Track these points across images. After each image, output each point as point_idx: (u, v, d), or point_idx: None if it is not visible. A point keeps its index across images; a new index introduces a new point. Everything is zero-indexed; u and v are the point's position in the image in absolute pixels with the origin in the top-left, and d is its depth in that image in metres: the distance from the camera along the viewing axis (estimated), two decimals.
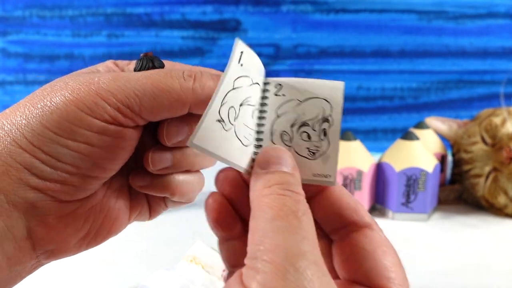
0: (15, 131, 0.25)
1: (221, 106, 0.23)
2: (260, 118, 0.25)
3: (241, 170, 0.25)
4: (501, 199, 0.68)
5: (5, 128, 0.25)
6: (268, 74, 0.27)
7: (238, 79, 0.24)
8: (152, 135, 0.29)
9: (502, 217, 0.70)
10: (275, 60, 1.01)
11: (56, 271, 0.53)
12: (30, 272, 0.28)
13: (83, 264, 0.55)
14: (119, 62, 0.30)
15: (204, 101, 0.25)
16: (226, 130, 0.24)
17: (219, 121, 0.23)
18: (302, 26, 1.00)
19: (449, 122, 0.78)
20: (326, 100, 0.24)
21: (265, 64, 0.27)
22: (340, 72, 1.02)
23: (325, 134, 0.24)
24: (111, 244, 0.32)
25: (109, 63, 0.30)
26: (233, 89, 0.24)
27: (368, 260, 0.25)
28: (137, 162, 0.29)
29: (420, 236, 0.64)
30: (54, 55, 1.00)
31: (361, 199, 0.68)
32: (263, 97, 0.26)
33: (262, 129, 0.25)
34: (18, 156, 0.25)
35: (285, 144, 0.24)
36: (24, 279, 0.28)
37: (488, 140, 0.69)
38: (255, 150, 0.25)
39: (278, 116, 0.24)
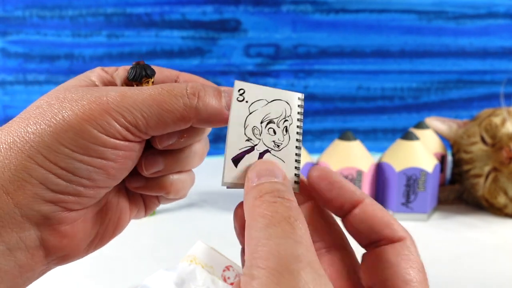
0: (29, 147, 0.25)
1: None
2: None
3: None
4: (501, 199, 0.68)
5: (18, 145, 0.26)
6: (268, 74, 0.28)
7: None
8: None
9: (502, 217, 0.70)
10: (275, 60, 1.01)
11: (56, 271, 0.53)
12: (39, 276, 0.28)
13: (83, 264, 0.55)
14: (108, 69, 0.32)
15: (206, 119, 0.28)
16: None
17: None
18: (302, 26, 1.00)
19: (449, 122, 0.78)
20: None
21: (265, 64, 0.28)
22: (340, 72, 1.02)
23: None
24: (111, 244, 0.32)
25: (99, 70, 0.31)
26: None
27: (389, 271, 0.25)
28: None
29: (420, 236, 0.64)
30: (54, 55, 1.00)
31: None
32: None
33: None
34: (34, 172, 0.25)
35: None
36: None
37: (488, 140, 0.69)
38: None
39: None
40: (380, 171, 0.70)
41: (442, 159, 0.76)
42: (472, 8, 0.99)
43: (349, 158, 0.67)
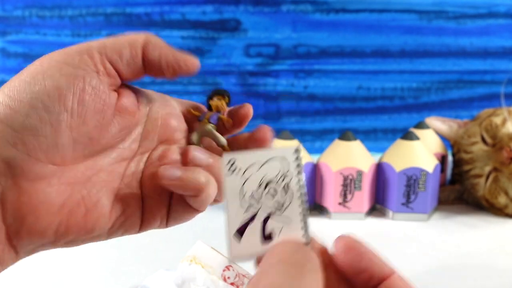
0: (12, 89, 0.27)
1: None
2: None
3: None
4: (502, 199, 0.68)
5: None
6: (268, 74, 0.28)
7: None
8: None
9: (503, 217, 0.70)
10: (275, 60, 1.01)
11: (56, 271, 0.53)
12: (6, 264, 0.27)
13: (83, 264, 0.55)
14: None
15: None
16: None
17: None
18: (302, 26, 1.00)
19: (449, 122, 0.78)
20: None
21: (265, 64, 0.28)
22: (340, 72, 1.02)
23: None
24: (111, 244, 0.32)
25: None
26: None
27: None
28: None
29: (420, 236, 0.64)
30: None
31: (361, 199, 0.68)
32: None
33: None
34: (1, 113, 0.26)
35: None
36: (25, 279, 0.28)
37: (489, 140, 0.69)
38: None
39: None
40: (380, 171, 0.69)
41: (443, 159, 0.76)
42: (473, 8, 0.99)
43: (349, 158, 0.67)
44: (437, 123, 0.78)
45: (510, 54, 1.01)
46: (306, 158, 0.69)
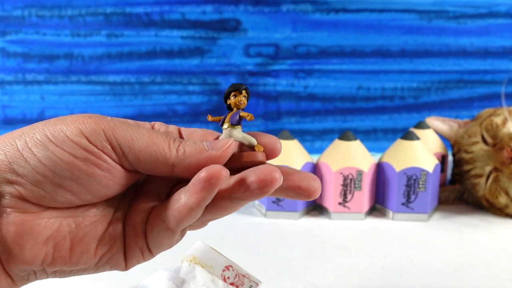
0: (19, 133, 0.28)
1: None
2: None
3: None
4: (502, 199, 0.68)
5: (14, 134, 0.28)
6: (268, 74, 0.27)
7: None
8: None
9: (503, 217, 0.70)
10: (275, 60, 1.01)
11: None
12: None
13: None
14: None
15: (188, 157, 0.28)
16: None
17: None
18: (302, 26, 1.00)
19: (450, 122, 0.77)
20: None
21: (265, 64, 0.27)
22: (340, 72, 1.02)
23: None
24: None
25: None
26: None
27: None
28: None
29: (420, 236, 0.64)
30: (53, 55, 1.00)
31: (361, 199, 0.68)
32: None
33: None
34: (9, 152, 0.27)
35: None
36: None
37: (489, 140, 0.69)
38: None
39: None
40: (380, 171, 0.69)
41: (443, 159, 0.76)
42: (473, 7, 0.99)
43: (349, 158, 0.67)
44: (437, 123, 0.78)
45: (510, 54, 1.01)
46: (306, 158, 0.69)
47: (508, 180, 0.66)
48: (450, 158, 0.78)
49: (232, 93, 0.30)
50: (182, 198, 0.27)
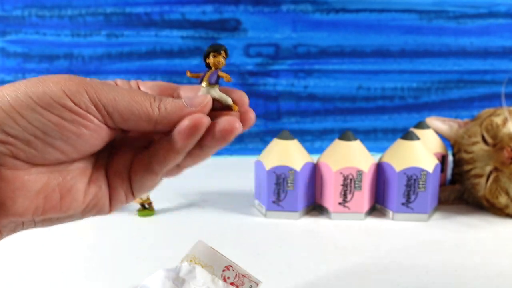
0: (2, 95, 0.28)
1: None
2: None
3: None
4: (502, 199, 0.68)
5: None
6: (268, 74, 0.28)
7: None
8: None
9: (503, 217, 0.70)
10: (275, 60, 1.01)
11: (56, 270, 0.53)
12: None
13: (83, 263, 0.55)
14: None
15: (168, 114, 0.31)
16: None
17: None
18: (302, 26, 1.00)
19: (450, 122, 0.77)
20: None
21: (265, 64, 0.28)
22: (340, 72, 1.02)
23: None
24: (111, 244, 0.32)
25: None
26: None
27: None
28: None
29: (420, 236, 0.64)
30: (53, 55, 1.00)
31: (361, 199, 0.68)
32: None
33: None
34: None
35: None
36: (24, 279, 0.29)
37: (489, 140, 0.69)
38: None
39: None
40: (380, 171, 0.69)
41: (443, 159, 0.76)
42: (473, 7, 0.99)
43: (349, 158, 0.67)
44: (437, 123, 0.78)
45: (510, 54, 1.01)
46: (306, 158, 0.69)
47: (508, 180, 0.66)
48: (450, 158, 0.78)
49: (212, 53, 0.32)
50: (166, 144, 0.31)
